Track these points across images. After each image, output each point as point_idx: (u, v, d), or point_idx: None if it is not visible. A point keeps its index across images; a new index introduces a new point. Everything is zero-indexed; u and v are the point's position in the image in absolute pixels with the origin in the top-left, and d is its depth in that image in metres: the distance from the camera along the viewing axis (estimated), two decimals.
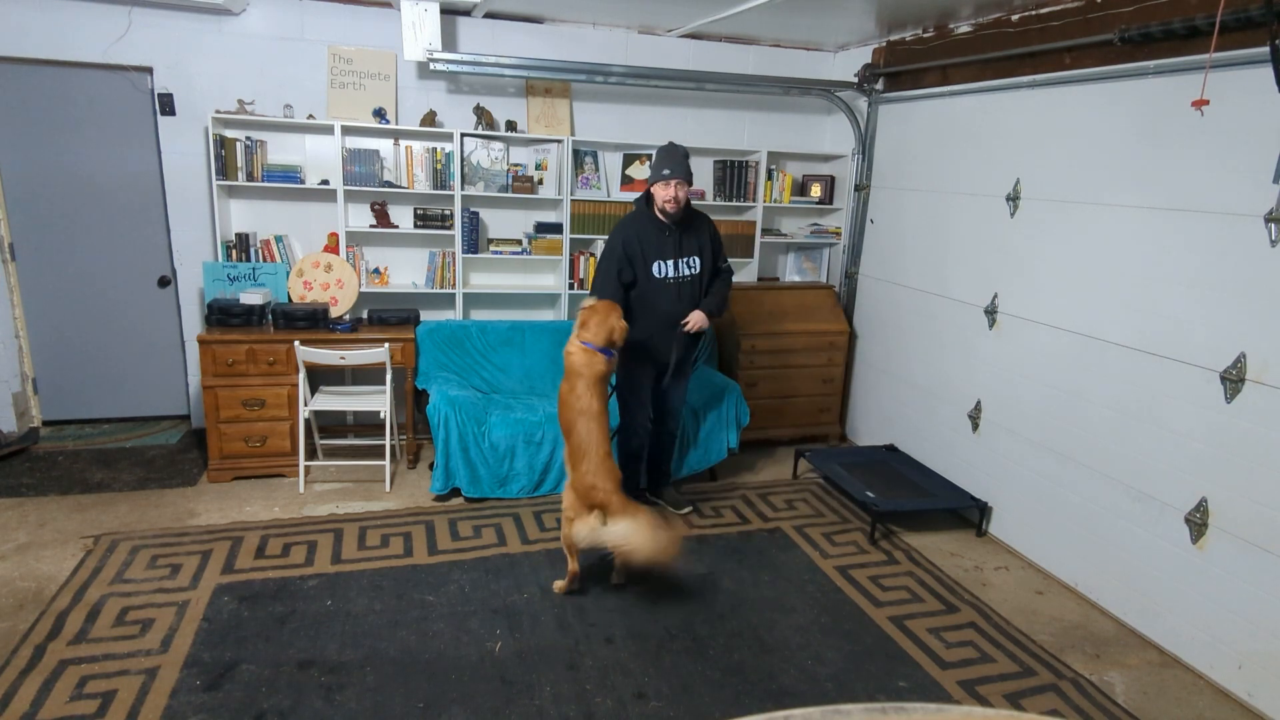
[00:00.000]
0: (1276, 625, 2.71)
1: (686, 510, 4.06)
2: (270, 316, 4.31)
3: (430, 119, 4.60)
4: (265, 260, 4.55)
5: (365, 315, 4.67)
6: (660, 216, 3.55)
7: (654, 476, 4.10)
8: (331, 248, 4.62)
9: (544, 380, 4.71)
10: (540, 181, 4.91)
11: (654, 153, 3.53)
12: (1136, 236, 3.19)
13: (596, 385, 3.21)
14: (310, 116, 4.47)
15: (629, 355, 3.62)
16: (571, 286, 4.98)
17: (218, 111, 4.26)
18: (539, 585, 3.31)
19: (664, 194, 3.46)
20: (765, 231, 5.28)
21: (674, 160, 3.44)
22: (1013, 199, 3.82)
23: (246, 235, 4.48)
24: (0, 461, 4.26)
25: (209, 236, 4.53)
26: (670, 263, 3.57)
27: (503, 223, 4.97)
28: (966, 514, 4.13)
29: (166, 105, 4.31)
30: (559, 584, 3.27)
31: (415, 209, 4.69)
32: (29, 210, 4.42)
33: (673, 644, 2.96)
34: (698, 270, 3.63)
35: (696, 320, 3.61)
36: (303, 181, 4.50)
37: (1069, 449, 3.53)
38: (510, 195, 4.78)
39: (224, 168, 4.29)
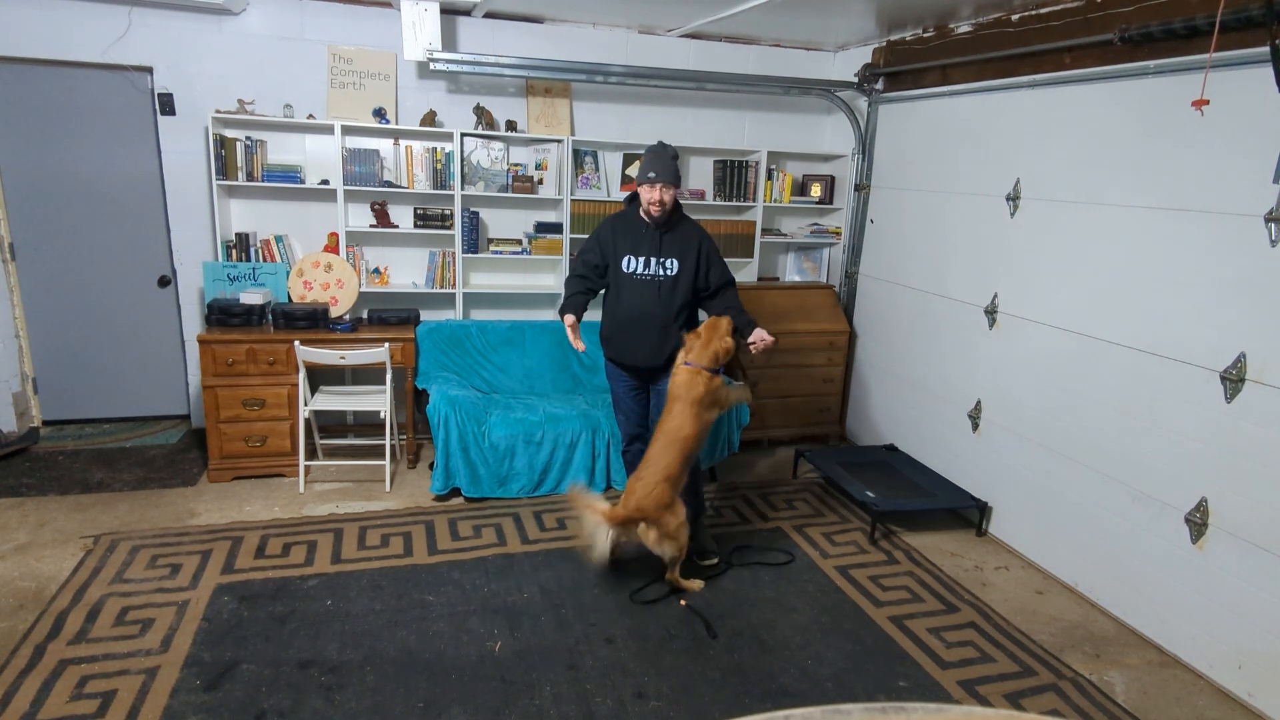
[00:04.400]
0: (1276, 625, 2.70)
1: (710, 562, 3.60)
2: (270, 316, 4.31)
3: (430, 119, 4.60)
4: (265, 260, 4.55)
5: (365, 315, 4.67)
6: (644, 218, 3.45)
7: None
8: (331, 247, 4.62)
9: (544, 380, 4.72)
10: (540, 181, 4.91)
11: (644, 151, 3.49)
12: (1136, 236, 3.19)
13: (693, 407, 3.19)
14: (310, 116, 4.47)
15: (607, 363, 3.60)
16: None
17: (218, 111, 4.26)
18: (539, 585, 3.31)
19: (648, 196, 3.37)
20: (765, 231, 5.28)
21: (660, 163, 3.35)
22: (1013, 199, 3.82)
23: (246, 235, 4.48)
24: (0, 461, 4.26)
25: (209, 236, 4.53)
26: (643, 259, 3.45)
27: (503, 223, 4.97)
28: (966, 514, 4.13)
29: (166, 105, 4.31)
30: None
31: (415, 209, 4.69)
32: (29, 210, 4.42)
33: (673, 644, 2.96)
34: (674, 272, 3.45)
35: (758, 339, 3.35)
36: (303, 181, 4.50)
37: (1069, 449, 3.53)
38: (510, 195, 4.78)
39: (224, 167, 4.29)
